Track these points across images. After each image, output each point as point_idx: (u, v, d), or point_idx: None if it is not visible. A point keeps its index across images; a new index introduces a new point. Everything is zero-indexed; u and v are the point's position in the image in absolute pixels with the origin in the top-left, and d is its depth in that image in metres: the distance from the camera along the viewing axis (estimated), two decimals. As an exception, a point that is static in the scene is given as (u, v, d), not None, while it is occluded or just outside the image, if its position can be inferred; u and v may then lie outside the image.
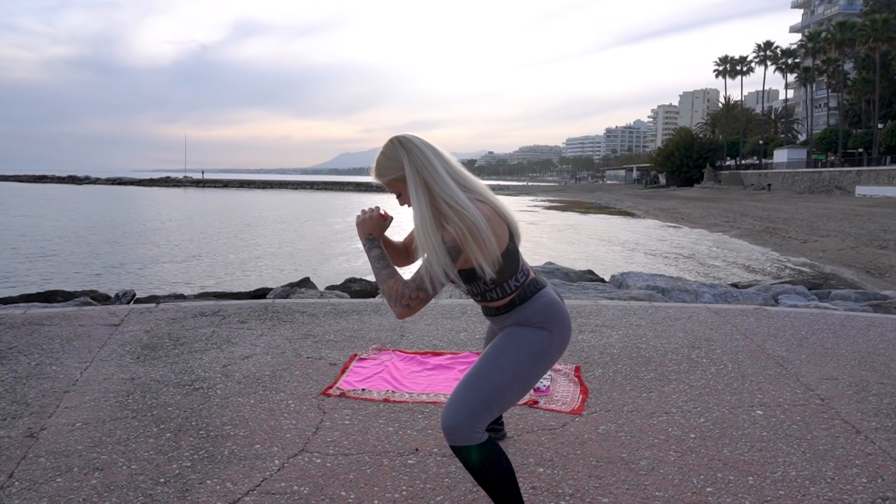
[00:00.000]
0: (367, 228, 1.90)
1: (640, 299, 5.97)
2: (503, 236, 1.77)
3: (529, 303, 1.87)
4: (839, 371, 3.61)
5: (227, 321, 4.57)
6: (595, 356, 3.84)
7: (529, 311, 1.86)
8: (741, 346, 4.10)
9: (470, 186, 1.77)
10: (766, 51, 66.78)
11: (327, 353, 3.85)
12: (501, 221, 1.77)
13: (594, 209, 40.94)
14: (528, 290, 1.87)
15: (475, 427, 1.77)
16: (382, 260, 1.82)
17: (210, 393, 3.17)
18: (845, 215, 24.45)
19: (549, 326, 1.87)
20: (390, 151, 1.77)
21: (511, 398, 1.84)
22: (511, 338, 1.87)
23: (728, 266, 15.15)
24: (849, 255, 15.23)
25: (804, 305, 5.98)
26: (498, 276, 1.80)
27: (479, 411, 1.78)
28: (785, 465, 2.47)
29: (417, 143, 1.75)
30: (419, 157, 1.73)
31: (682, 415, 2.96)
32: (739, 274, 13.61)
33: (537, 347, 1.84)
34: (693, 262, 15.97)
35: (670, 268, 14.42)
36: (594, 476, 2.37)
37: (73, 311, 4.88)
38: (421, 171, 1.72)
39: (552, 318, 1.87)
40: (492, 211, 1.75)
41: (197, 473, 2.35)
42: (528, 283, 1.88)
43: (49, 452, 2.50)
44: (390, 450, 2.58)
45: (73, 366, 3.54)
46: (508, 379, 1.82)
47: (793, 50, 64.06)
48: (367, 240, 1.89)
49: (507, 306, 1.88)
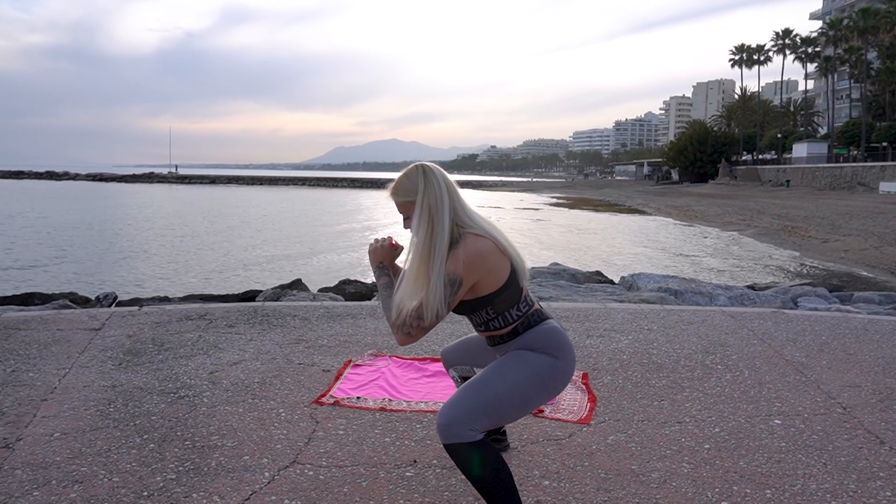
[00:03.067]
0: (378, 257, 2.11)
1: (652, 302, 5.97)
2: (503, 269, 1.93)
3: (533, 330, 2.00)
4: (862, 378, 3.61)
5: (214, 325, 4.57)
6: (604, 362, 3.84)
7: (533, 337, 1.99)
8: (758, 351, 4.10)
9: (473, 223, 1.94)
10: (785, 39, 66.83)
11: (320, 359, 3.85)
12: (503, 256, 1.93)
13: (603, 207, 40.97)
14: (531, 320, 2.01)
15: (470, 425, 1.85)
16: (390, 288, 2.01)
17: (196, 401, 3.16)
18: (869, 213, 24.47)
19: (555, 353, 1.98)
20: (412, 175, 1.95)
21: (510, 411, 1.94)
22: (517, 356, 1.99)
23: (744, 267, 15.16)
24: (872, 255, 15.23)
25: (825, 308, 5.99)
26: (499, 306, 1.96)
27: (476, 411, 1.88)
28: (805, 477, 2.47)
29: (437, 177, 1.94)
30: (434, 192, 1.91)
31: (695, 424, 2.96)
32: (756, 275, 13.62)
33: (542, 371, 1.96)
34: (707, 262, 15.98)
35: (683, 269, 14.43)
36: (603, 489, 2.36)
37: (51, 314, 4.89)
38: (431, 204, 1.90)
39: (557, 345, 1.99)
40: (492, 245, 1.91)
41: (182, 486, 2.35)
42: (532, 312, 2.02)
43: (26, 464, 2.50)
44: (387, 461, 2.58)
45: (51, 372, 3.54)
46: (510, 389, 1.92)
47: (813, 38, 64.06)
48: (378, 267, 2.10)
49: (511, 334, 2.02)
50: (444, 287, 1.85)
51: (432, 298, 1.84)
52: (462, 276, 1.85)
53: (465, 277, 1.86)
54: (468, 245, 1.86)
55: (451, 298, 1.86)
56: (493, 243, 1.91)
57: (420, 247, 1.89)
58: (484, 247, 1.88)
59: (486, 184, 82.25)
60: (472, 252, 1.86)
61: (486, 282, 1.91)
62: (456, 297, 1.88)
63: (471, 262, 1.85)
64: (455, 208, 1.92)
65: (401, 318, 1.90)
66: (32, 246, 18.01)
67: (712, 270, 14.49)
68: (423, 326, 1.87)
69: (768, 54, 70.42)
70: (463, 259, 1.85)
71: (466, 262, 1.85)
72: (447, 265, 1.86)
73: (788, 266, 15.27)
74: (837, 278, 12.47)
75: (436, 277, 1.85)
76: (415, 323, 1.87)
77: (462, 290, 1.88)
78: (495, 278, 1.92)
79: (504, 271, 1.93)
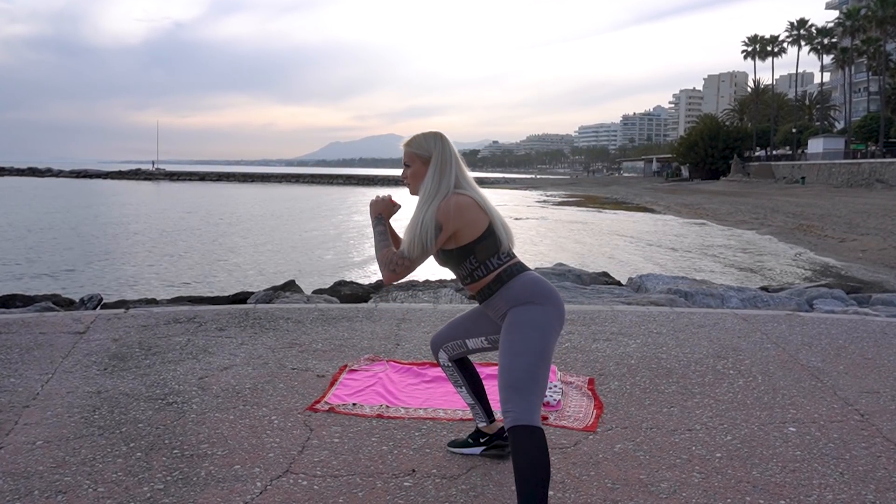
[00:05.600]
0: (377, 209, 2.42)
1: (661, 304, 5.97)
2: (481, 222, 2.29)
3: (516, 279, 2.30)
4: (881, 384, 3.62)
5: (203, 328, 4.57)
6: (611, 367, 3.84)
7: (517, 287, 2.28)
8: (772, 356, 4.10)
9: (465, 183, 2.34)
10: (800, 30, 66.76)
11: (315, 364, 3.85)
12: (481, 211, 2.30)
13: (610, 205, 41.00)
14: (513, 269, 2.32)
15: (530, 410, 2.08)
16: (384, 234, 2.37)
17: (185, 408, 3.17)
18: (887, 211, 24.47)
19: (539, 300, 2.26)
20: (430, 137, 2.36)
21: (542, 373, 2.18)
22: (510, 326, 2.24)
23: (758, 268, 15.17)
24: (892, 255, 15.24)
25: (842, 311, 5.99)
26: (480, 255, 2.30)
27: (526, 396, 2.10)
28: (821, 487, 2.47)
29: (449, 146, 2.36)
30: (446, 155, 2.33)
31: (706, 432, 2.96)
32: (770, 276, 13.63)
33: (536, 321, 2.23)
34: (719, 263, 15.99)
35: (694, 269, 14.43)
36: (609, 500, 2.37)
37: (33, 317, 4.89)
38: (443, 164, 2.32)
39: (540, 292, 2.28)
40: (472, 202, 2.29)
41: (170, 497, 2.35)
42: (513, 264, 2.34)
43: (6, 473, 2.50)
44: (384, 471, 2.58)
45: (33, 378, 3.54)
46: (530, 360, 2.16)
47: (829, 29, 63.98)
48: (376, 218, 2.41)
49: (495, 283, 2.31)
50: (429, 228, 2.22)
51: (418, 233, 2.22)
52: (442, 222, 2.23)
53: (445, 224, 2.23)
54: (451, 199, 2.26)
55: (433, 240, 2.23)
56: (472, 200, 2.29)
57: (422, 197, 2.29)
58: (464, 201, 2.26)
59: (488, 181, 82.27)
60: (454, 204, 2.24)
61: (466, 231, 2.26)
62: (438, 239, 2.24)
63: (452, 211, 2.23)
64: (457, 174, 2.33)
65: (388, 256, 2.27)
66: (12, 246, 18.01)
67: (724, 271, 14.50)
68: (405, 264, 2.24)
69: (782, 45, 70.36)
70: (444, 208, 2.23)
71: (448, 210, 2.23)
72: (436, 211, 2.25)
73: (804, 267, 15.27)
74: (855, 279, 12.47)
75: (421, 217, 2.24)
76: (399, 260, 2.24)
77: (443, 235, 2.25)
78: (474, 228, 2.27)
79: (482, 223, 2.29)
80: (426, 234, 2.22)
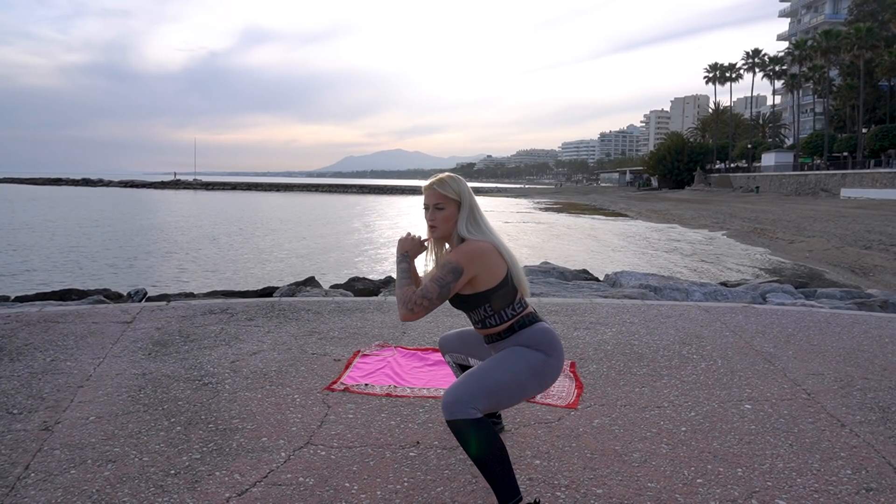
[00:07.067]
0: (405, 246, 2.18)
1: (633, 297, 5.96)
2: (500, 269, 2.06)
3: (528, 329, 2.09)
4: (825, 367, 3.61)
5: (235, 319, 4.57)
6: (590, 352, 3.84)
7: (528, 335, 2.08)
8: (730, 342, 4.10)
9: (485, 228, 2.11)
10: (755, 58, 66.64)
11: (332, 350, 3.85)
12: (500, 259, 2.07)
13: (589, 211, 40.91)
14: (526, 320, 2.11)
15: (472, 405, 1.92)
16: (406, 272, 2.12)
17: (219, 388, 3.16)
18: (831, 217, 24.44)
19: (548, 350, 2.07)
20: (457, 180, 2.14)
21: (507, 397, 2.02)
22: (512, 352, 2.07)
23: (718, 266, 15.15)
24: (834, 254, 15.22)
25: (791, 303, 5.98)
26: (495, 304, 2.07)
27: (477, 394, 1.95)
28: (773, 457, 2.47)
29: (469, 189, 2.15)
30: (472, 199, 2.12)
31: (673, 409, 2.96)
32: (729, 273, 13.61)
33: (536, 365, 2.05)
34: (684, 261, 15.96)
35: (662, 267, 14.42)
36: (589, 468, 2.37)
37: (86, 308, 4.88)
38: (472, 208, 2.10)
39: (550, 343, 2.08)
40: (492, 248, 2.06)
41: (206, 465, 2.35)
42: (527, 314, 2.12)
43: (63, 445, 2.50)
44: (392, 443, 2.58)
45: (86, 361, 3.54)
46: (508, 379, 2.01)
47: (780, 57, 63.86)
48: (402, 254, 2.17)
49: (507, 332, 2.10)
50: (448, 273, 2.00)
51: (439, 275, 2.01)
52: (463, 266, 2.00)
53: (466, 268, 2.00)
54: (473, 243, 2.04)
55: (452, 284, 2.00)
56: (493, 247, 2.06)
57: (455, 240, 2.09)
58: (485, 247, 2.04)
59: (484, 190, 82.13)
60: (476, 248, 2.02)
61: (484, 277, 2.03)
62: (457, 283, 2.01)
63: (473, 256, 2.01)
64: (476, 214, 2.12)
65: (407, 294, 2.03)
66: (70, 247, 18.00)
67: (688, 269, 14.48)
68: (424, 304, 1.99)
69: (739, 72, 70.20)
70: (466, 252, 2.01)
71: (470, 255, 2.01)
72: (454, 255, 2.03)
73: (758, 265, 15.25)
74: (802, 276, 12.45)
75: (447, 260, 2.03)
76: (419, 301, 1.99)
77: (462, 280, 2.01)
78: (492, 275, 2.04)
79: (500, 271, 2.05)
80: (447, 276, 1.99)
